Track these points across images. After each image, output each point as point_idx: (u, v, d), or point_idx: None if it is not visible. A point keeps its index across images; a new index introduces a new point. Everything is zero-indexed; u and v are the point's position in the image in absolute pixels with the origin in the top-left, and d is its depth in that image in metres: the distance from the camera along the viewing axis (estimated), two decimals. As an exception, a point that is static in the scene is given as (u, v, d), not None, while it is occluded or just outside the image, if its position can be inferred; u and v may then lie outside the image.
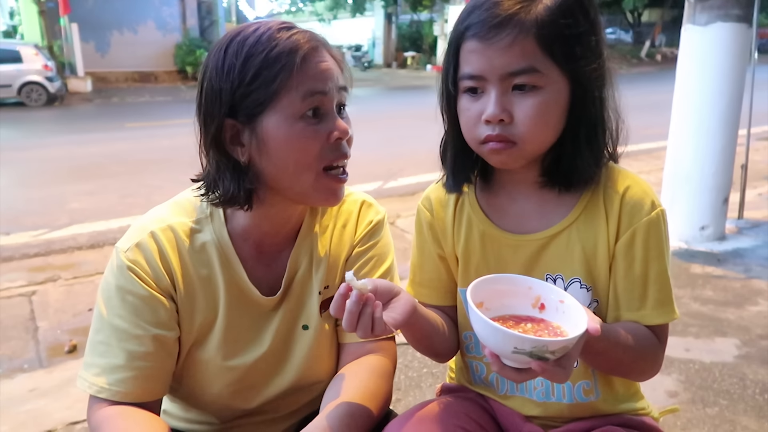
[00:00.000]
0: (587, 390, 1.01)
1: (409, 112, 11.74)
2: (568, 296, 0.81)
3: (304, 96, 0.89)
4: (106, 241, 4.30)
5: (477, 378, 1.10)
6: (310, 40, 0.91)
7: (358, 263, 1.07)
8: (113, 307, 0.94)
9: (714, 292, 3.18)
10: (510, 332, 0.72)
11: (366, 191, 1.23)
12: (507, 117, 0.88)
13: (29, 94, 13.07)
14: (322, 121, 0.91)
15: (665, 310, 0.95)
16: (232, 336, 1.01)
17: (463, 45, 0.90)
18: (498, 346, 0.74)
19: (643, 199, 0.94)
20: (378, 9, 25.90)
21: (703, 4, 3.59)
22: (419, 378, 2.41)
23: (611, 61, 0.94)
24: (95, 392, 0.92)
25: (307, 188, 0.93)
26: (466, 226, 1.04)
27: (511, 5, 0.86)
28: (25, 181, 6.46)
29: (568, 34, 0.86)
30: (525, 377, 0.76)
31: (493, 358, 0.75)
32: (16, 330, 2.98)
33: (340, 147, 0.94)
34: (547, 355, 0.71)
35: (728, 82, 3.64)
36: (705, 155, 3.76)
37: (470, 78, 0.89)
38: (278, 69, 0.87)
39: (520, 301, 0.84)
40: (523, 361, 0.73)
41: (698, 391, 2.26)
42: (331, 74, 0.92)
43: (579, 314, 0.77)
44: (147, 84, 18.37)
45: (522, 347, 0.71)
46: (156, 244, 0.95)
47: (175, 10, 19.25)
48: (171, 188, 1.08)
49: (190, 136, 0.97)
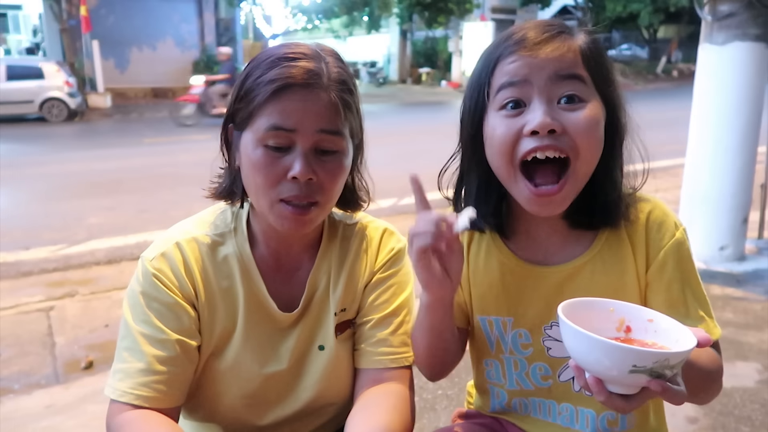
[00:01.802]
0: (612, 421, 1.00)
1: (424, 128, 11.78)
2: (657, 314, 0.76)
3: (268, 128, 0.91)
4: (124, 257, 4.35)
5: (497, 404, 1.08)
6: (306, 75, 0.90)
7: (379, 290, 1.07)
8: (138, 313, 0.97)
9: (734, 314, 3.13)
10: (631, 348, 0.65)
11: (381, 208, 1.24)
12: (558, 127, 0.83)
13: (50, 110, 13.29)
14: (286, 155, 0.91)
15: (710, 326, 0.94)
16: (249, 347, 1.02)
17: (501, 61, 0.88)
18: (612, 366, 0.67)
19: (666, 220, 0.94)
20: (393, 26, 26.09)
21: (720, 24, 3.58)
22: (434, 400, 2.39)
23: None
24: (117, 396, 0.93)
25: (265, 211, 0.95)
26: (485, 256, 1.03)
27: (557, 28, 0.89)
28: (44, 196, 6.55)
29: (603, 63, 0.89)
30: (633, 405, 0.70)
31: (598, 386, 0.69)
32: (34, 345, 3.01)
33: (297, 187, 0.92)
34: (666, 371, 0.66)
35: (746, 101, 3.61)
36: (723, 175, 3.72)
37: (511, 86, 0.86)
38: (257, 94, 0.91)
39: (602, 325, 0.77)
40: (637, 382, 0.67)
41: (719, 417, 2.22)
42: (308, 115, 0.90)
43: (678, 329, 0.72)
44: (165, 100, 18.61)
45: (643, 364, 0.65)
46: (181, 253, 0.99)
47: (193, 28, 19.56)
48: (188, 204, 1.11)
49: (207, 152, 1.05)
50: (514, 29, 0.91)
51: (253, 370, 1.03)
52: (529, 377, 1.03)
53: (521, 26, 0.90)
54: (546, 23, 0.90)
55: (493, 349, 1.04)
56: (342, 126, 0.94)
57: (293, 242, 1.05)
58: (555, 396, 1.02)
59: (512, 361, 1.03)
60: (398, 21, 25.28)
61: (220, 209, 1.07)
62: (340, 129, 0.93)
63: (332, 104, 0.92)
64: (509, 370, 1.04)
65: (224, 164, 1.04)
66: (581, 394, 0.99)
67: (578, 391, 1.00)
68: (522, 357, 1.02)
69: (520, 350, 1.02)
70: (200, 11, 19.52)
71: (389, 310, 1.06)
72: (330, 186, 0.95)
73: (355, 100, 0.98)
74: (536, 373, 1.02)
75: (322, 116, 0.91)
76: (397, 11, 23.84)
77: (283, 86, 0.89)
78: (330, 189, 0.95)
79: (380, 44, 28.07)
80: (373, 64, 27.78)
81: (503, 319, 1.02)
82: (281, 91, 0.90)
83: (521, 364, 1.03)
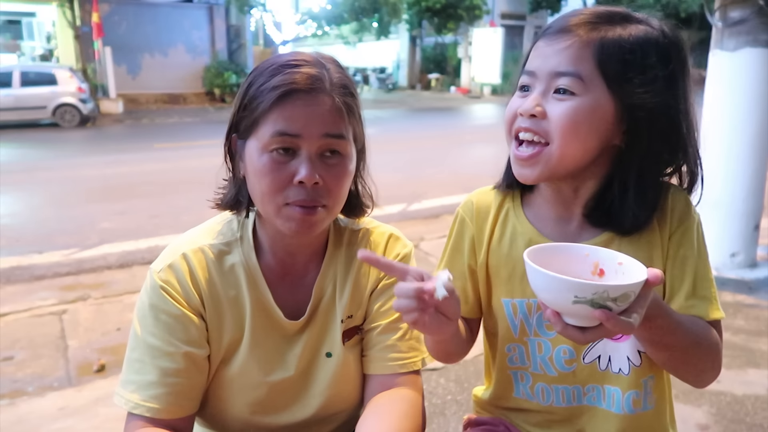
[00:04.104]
0: (636, 400, 1.01)
1: (433, 134, 11.79)
2: (625, 257, 0.80)
3: (273, 134, 0.92)
4: (135, 261, 4.38)
5: (522, 388, 1.09)
6: (309, 80, 0.92)
7: (385, 296, 1.08)
8: (147, 325, 0.98)
9: (746, 321, 3.11)
10: (571, 280, 0.71)
11: (389, 214, 1.25)
12: (540, 113, 0.91)
13: (63, 116, 13.42)
14: (292, 160, 0.93)
15: (713, 307, 0.96)
16: (256, 355, 1.03)
17: (535, 45, 0.96)
18: (559, 297, 0.73)
19: (687, 202, 1.00)
20: (403, 32, 26.18)
21: (731, 30, 3.57)
22: (443, 405, 2.39)
23: (690, 105, 0.94)
24: (131, 408, 0.95)
25: (271, 216, 0.96)
26: (510, 236, 1.05)
27: (584, 19, 0.92)
28: (57, 201, 6.62)
29: (630, 60, 0.89)
30: (589, 337, 0.76)
31: (554, 317, 0.76)
32: (47, 348, 3.04)
33: (304, 191, 0.93)
34: (608, 303, 0.71)
35: (757, 107, 3.60)
36: (735, 181, 3.71)
37: (526, 74, 0.95)
38: (261, 101, 0.92)
39: (578, 268, 0.83)
40: (586, 314, 0.72)
41: (730, 425, 2.21)
42: (313, 119, 0.92)
43: (638, 268, 0.77)
44: (176, 105, 18.77)
45: (583, 295, 0.71)
46: (187, 264, 1.00)
47: (204, 34, 19.72)
48: (199, 209, 1.12)
49: (218, 157, 1.05)
50: (562, 15, 0.97)
51: (260, 377, 1.03)
52: (553, 362, 1.03)
53: (565, 14, 0.96)
54: (581, 13, 0.94)
55: (517, 333, 1.05)
56: (346, 130, 0.95)
57: (299, 250, 1.05)
58: (580, 380, 1.03)
59: (536, 344, 1.04)
60: (408, 27, 25.37)
61: (226, 218, 1.08)
62: (344, 133, 0.95)
63: (336, 108, 0.94)
64: (533, 352, 1.05)
65: (228, 174, 1.05)
66: (607, 372, 1.01)
67: (604, 370, 1.02)
68: (546, 339, 1.03)
69: (545, 332, 1.03)
70: (211, 18, 19.67)
71: (396, 316, 1.06)
72: (336, 189, 0.96)
73: (357, 104, 1.00)
74: (560, 356, 1.03)
75: (327, 121, 0.93)
76: (407, 17, 23.92)
77: (286, 92, 0.91)
78: (336, 192, 0.96)
79: (390, 50, 28.17)
80: (382, 70, 27.89)
81: (528, 301, 1.03)
82: (285, 97, 0.91)
83: (545, 347, 1.03)
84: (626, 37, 0.90)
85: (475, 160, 7.39)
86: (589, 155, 0.93)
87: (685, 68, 0.94)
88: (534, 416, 1.09)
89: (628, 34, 0.90)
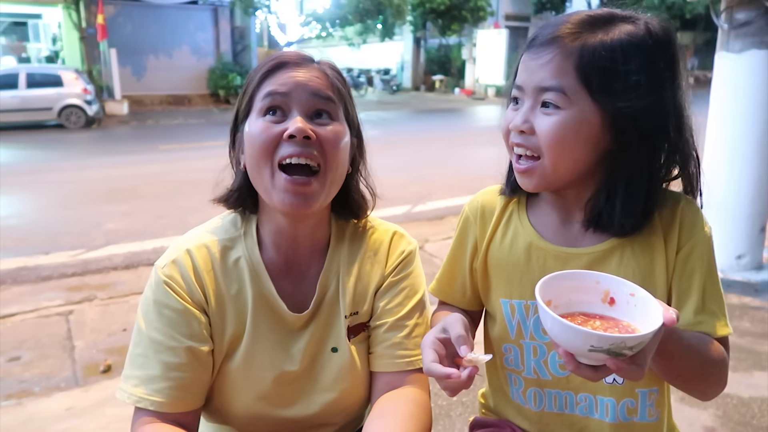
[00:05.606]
0: (631, 409, 1.01)
1: (437, 135, 11.79)
2: (639, 289, 0.79)
3: (264, 96, 0.97)
4: (141, 262, 4.40)
5: (515, 392, 1.09)
6: (298, 57, 1.01)
7: (391, 294, 1.08)
8: (151, 320, 0.99)
9: (752, 323, 3.11)
10: (588, 331, 0.71)
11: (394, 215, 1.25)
12: (528, 129, 0.92)
13: (68, 117, 13.47)
14: (283, 120, 0.97)
15: (722, 323, 0.95)
16: (260, 348, 1.03)
17: (522, 58, 0.96)
18: (574, 344, 0.73)
19: (698, 215, 0.98)
20: (407, 33, 26.19)
21: (737, 32, 3.57)
22: (449, 407, 2.39)
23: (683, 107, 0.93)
24: (134, 402, 0.96)
25: (267, 186, 0.97)
26: (512, 238, 1.06)
27: (565, 29, 0.90)
28: (63, 202, 6.65)
29: (611, 69, 0.87)
30: (601, 375, 0.76)
31: (567, 357, 0.75)
32: (54, 349, 3.06)
33: (295, 144, 0.95)
34: (624, 351, 0.71)
35: (763, 108, 3.59)
36: (740, 183, 3.70)
37: (515, 87, 0.96)
38: (252, 79, 1.00)
39: (588, 297, 0.82)
40: (600, 358, 0.72)
41: (736, 427, 2.20)
42: (302, 82, 0.97)
43: (652, 307, 0.75)
44: (181, 107, 18.82)
45: (599, 345, 0.70)
46: (191, 260, 1.02)
47: (209, 36, 19.77)
48: (204, 209, 1.13)
49: (223, 158, 1.08)
50: (546, 24, 0.96)
51: (264, 371, 1.04)
52: (547, 366, 1.03)
53: (548, 22, 0.95)
54: (565, 21, 0.91)
55: (514, 334, 1.05)
56: (336, 96, 1.00)
57: (301, 243, 1.06)
58: (573, 386, 1.03)
59: (531, 347, 1.04)
60: (412, 29, 25.38)
61: (230, 216, 1.09)
62: (334, 97, 0.99)
63: (324, 75, 1.00)
64: (528, 356, 1.05)
65: (232, 177, 1.07)
66: (601, 382, 1.00)
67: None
68: (542, 342, 1.03)
69: (541, 335, 1.03)
70: (216, 19, 19.73)
71: (402, 314, 1.07)
72: (329, 148, 0.97)
73: (348, 90, 1.05)
74: (555, 361, 1.03)
75: (315, 83, 0.98)
76: (411, 19, 23.94)
77: (276, 64, 0.98)
78: (330, 153, 0.97)
79: (394, 52, 28.17)
80: (386, 72, 27.88)
81: (526, 303, 1.03)
82: (275, 69, 0.98)
83: (540, 351, 1.04)
84: (608, 43, 0.87)
85: (479, 162, 7.38)
86: (582, 164, 0.93)
87: (674, 67, 0.91)
88: (531, 424, 1.09)
89: (609, 39, 0.87)
